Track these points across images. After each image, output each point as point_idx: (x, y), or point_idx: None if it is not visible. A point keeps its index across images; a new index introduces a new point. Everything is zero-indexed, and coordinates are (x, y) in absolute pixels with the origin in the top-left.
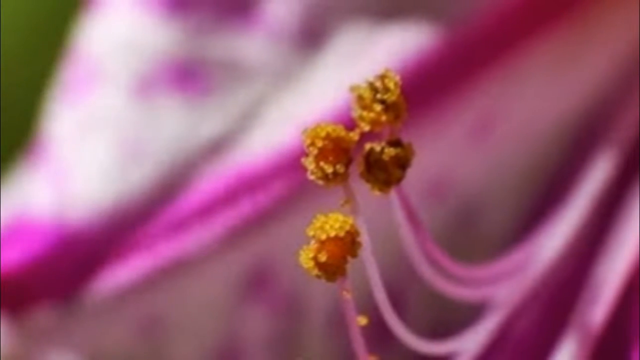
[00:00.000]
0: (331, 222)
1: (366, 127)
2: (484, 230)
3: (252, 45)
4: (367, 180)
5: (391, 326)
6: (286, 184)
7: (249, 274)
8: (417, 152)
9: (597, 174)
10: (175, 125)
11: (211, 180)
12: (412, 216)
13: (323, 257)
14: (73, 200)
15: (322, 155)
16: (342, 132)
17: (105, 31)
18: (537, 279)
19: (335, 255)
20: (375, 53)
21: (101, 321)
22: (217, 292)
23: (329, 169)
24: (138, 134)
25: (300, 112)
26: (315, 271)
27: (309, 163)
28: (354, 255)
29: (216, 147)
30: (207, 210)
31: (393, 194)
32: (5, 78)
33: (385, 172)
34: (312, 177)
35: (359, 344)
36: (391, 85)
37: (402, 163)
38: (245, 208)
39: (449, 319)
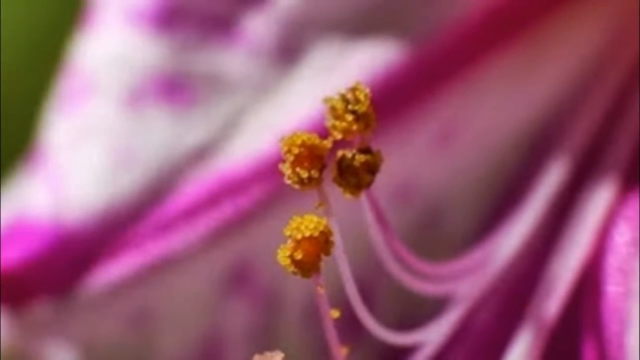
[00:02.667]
0: (306, 223)
1: (338, 136)
2: (447, 230)
3: (233, 60)
4: (340, 185)
5: (361, 319)
6: (265, 188)
7: (230, 270)
8: (386, 158)
9: (552, 179)
10: (163, 134)
11: (196, 185)
12: (380, 217)
13: (299, 255)
14: (68, 202)
15: (298, 161)
16: (316, 140)
17: (99, 47)
18: (496, 275)
19: (310, 253)
20: (347, 67)
21: (94, 314)
22: (201, 287)
23: (304, 174)
24: (128, 142)
25: (277, 122)
26: (292, 268)
27: (286, 168)
28: (327, 253)
29: (200, 154)
30: (192, 212)
31: (363, 197)
32: (5, 90)
33: (356, 177)
34: (288, 182)
35: (331, 335)
36: (362, 97)
37: (372, 169)
38: (227, 210)
39: (415, 312)
